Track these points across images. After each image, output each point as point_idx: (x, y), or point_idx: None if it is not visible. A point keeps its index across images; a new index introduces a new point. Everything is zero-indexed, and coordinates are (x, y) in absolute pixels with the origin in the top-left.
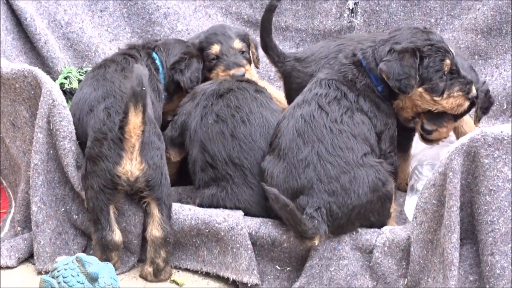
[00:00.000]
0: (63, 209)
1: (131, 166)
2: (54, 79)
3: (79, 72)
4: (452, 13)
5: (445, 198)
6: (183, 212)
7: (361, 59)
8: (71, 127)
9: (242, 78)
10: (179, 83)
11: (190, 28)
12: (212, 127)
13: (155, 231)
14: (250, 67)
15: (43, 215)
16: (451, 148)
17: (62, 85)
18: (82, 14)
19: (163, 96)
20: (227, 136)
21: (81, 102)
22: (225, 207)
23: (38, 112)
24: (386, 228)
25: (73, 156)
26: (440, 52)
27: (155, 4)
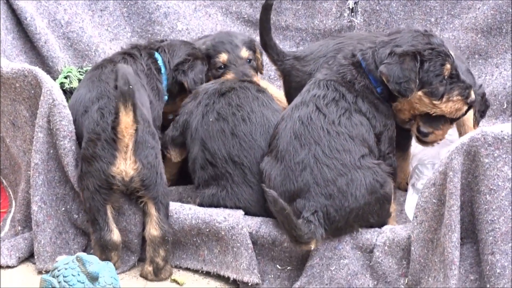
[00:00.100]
0: (63, 208)
1: (125, 166)
2: (54, 78)
3: (79, 71)
4: (452, 12)
5: (445, 197)
6: (184, 211)
7: (360, 60)
8: (71, 127)
9: (245, 78)
10: (182, 84)
11: (190, 27)
12: (213, 125)
13: (153, 230)
14: (257, 77)
15: (44, 214)
16: (451, 147)
17: (62, 84)
18: (82, 14)
19: (165, 97)
20: (228, 134)
21: (77, 103)
22: (225, 207)
23: (38, 112)
24: (386, 228)
25: (73, 155)
26: (440, 56)
27: (155, 4)
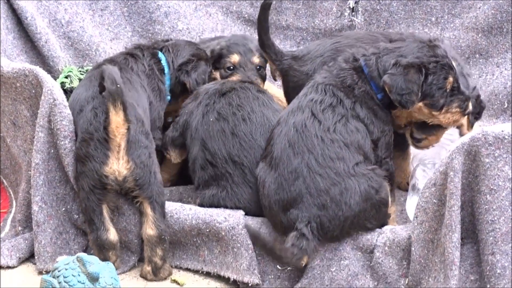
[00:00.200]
0: (63, 208)
1: (118, 165)
2: (55, 78)
3: (80, 71)
4: (453, 11)
5: (446, 198)
6: (184, 211)
7: (363, 66)
8: (72, 127)
9: (245, 79)
10: (185, 85)
11: (190, 27)
12: (213, 125)
13: (149, 230)
14: (263, 85)
15: (44, 214)
16: (452, 147)
17: (63, 84)
18: (83, 13)
19: (168, 97)
20: (228, 134)
21: (74, 102)
22: (225, 207)
23: (39, 111)
24: (386, 228)
25: (74, 155)
26: (444, 70)
27: (156, 3)
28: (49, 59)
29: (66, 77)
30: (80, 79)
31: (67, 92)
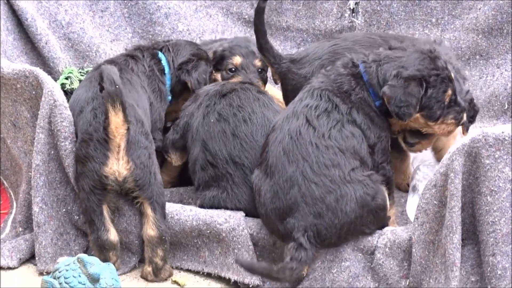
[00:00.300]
0: (64, 209)
1: (118, 166)
2: (55, 79)
3: (80, 72)
4: (453, 12)
5: (446, 199)
6: (184, 213)
7: (362, 73)
8: (72, 128)
9: (246, 81)
10: (185, 84)
11: (191, 28)
12: (214, 126)
13: (150, 230)
14: (264, 87)
15: (45, 215)
16: (452, 148)
17: (63, 85)
18: (83, 15)
19: (169, 97)
20: (229, 134)
21: (74, 103)
22: (226, 208)
23: (39, 113)
24: (387, 229)
25: (74, 156)
26: (444, 83)
27: (156, 4)
28: (49, 60)
29: (67, 78)
30: (80, 81)
31: (68, 93)
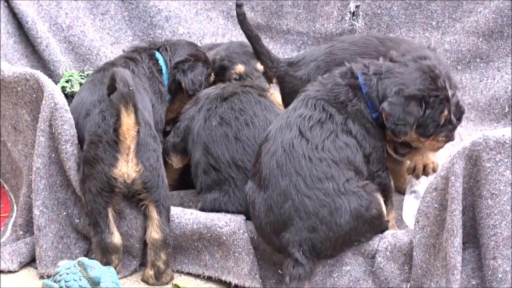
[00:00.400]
0: (65, 213)
1: (127, 168)
2: (55, 82)
3: (81, 75)
4: (454, 16)
5: (447, 202)
6: (185, 216)
7: (362, 85)
8: (73, 131)
9: (246, 83)
10: (180, 83)
11: (191, 31)
12: (216, 130)
13: (154, 234)
14: (272, 90)
15: (45, 219)
16: (453, 152)
17: (63, 88)
18: (84, 17)
19: (168, 97)
20: (231, 138)
21: (78, 106)
22: (227, 212)
23: (40, 116)
24: (388, 233)
25: (75, 159)
26: (442, 104)
27: (157, 7)
28: (50, 63)
29: (67, 81)
30: (81, 84)
31: (68, 96)
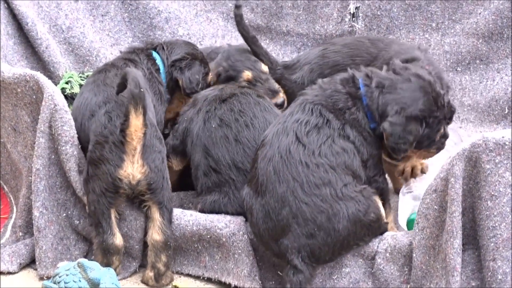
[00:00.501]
0: (64, 214)
1: (133, 169)
2: (55, 84)
3: (81, 77)
4: (453, 17)
5: (446, 204)
6: (185, 217)
7: (362, 96)
8: (73, 132)
9: (244, 85)
10: (177, 82)
11: (191, 32)
12: (215, 132)
13: (156, 235)
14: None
15: (45, 220)
16: (452, 153)
17: (63, 90)
18: (83, 19)
19: (167, 96)
20: (231, 140)
21: (82, 107)
22: (226, 213)
23: (39, 117)
24: (388, 234)
25: (75, 161)
26: (440, 124)
27: (157, 9)
28: (49, 64)
29: (67, 82)
30: (80, 85)
31: (68, 97)
